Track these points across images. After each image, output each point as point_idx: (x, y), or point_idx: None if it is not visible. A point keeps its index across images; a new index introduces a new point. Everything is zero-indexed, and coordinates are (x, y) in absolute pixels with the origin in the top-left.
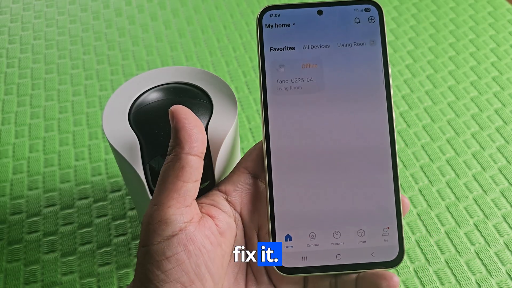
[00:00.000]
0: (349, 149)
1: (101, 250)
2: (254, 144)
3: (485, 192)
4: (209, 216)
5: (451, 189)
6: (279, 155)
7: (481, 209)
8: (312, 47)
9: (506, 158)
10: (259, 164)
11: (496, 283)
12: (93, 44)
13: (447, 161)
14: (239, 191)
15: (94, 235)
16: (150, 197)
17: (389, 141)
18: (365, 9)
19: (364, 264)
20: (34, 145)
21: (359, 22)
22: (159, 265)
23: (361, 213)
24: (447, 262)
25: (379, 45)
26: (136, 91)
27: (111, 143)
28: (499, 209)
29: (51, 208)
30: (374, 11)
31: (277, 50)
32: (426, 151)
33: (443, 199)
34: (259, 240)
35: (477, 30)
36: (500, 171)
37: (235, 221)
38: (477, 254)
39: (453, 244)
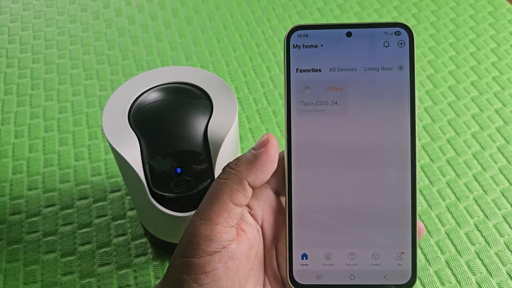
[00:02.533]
0: (369, 174)
1: (101, 250)
2: (253, 143)
3: (486, 192)
4: (241, 230)
5: (452, 189)
6: (300, 175)
7: (481, 209)
8: (339, 69)
9: (506, 158)
10: (281, 182)
11: (497, 283)
12: (93, 44)
13: (448, 161)
14: (261, 205)
15: (94, 235)
16: (150, 197)
17: (410, 171)
18: (395, 32)
19: (376, 285)
20: (33, 145)
21: (388, 46)
22: (197, 278)
23: (377, 236)
24: (447, 262)
25: (407, 71)
26: (136, 91)
27: (111, 143)
28: (499, 209)
29: (51, 208)
30: (404, 34)
31: (304, 72)
32: (426, 151)
33: (443, 199)
34: (277, 253)
35: (477, 30)
36: (501, 171)
37: (258, 234)
38: (478, 254)
39: (453, 244)
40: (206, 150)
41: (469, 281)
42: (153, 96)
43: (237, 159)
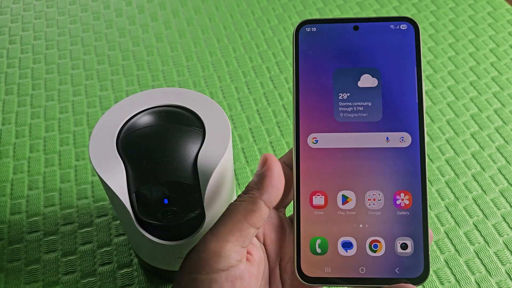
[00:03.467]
0: (379, 175)
1: (102, 250)
2: (254, 144)
3: (485, 192)
4: (248, 251)
5: (451, 189)
6: (306, 166)
7: (480, 209)
8: (347, 63)
9: (505, 158)
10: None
11: (496, 282)
12: (93, 44)
13: (447, 161)
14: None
15: (95, 235)
16: (137, 225)
17: (420, 184)
18: (401, 26)
19: (387, 279)
20: (34, 145)
21: (394, 38)
22: None
23: (389, 229)
24: (446, 262)
25: (413, 61)
26: (126, 114)
27: (97, 170)
28: (498, 209)
29: (51, 208)
30: (410, 28)
31: (311, 62)
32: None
33: (442, 199)
34: (281, 271)
35: (476, 30)
36: (500, 171)
37: (263, 253)
38: (477, 253)
39: (452, 244)
40: (195, 181)
41: (468, 281)
42: (144, 120)
43: (247, 186)
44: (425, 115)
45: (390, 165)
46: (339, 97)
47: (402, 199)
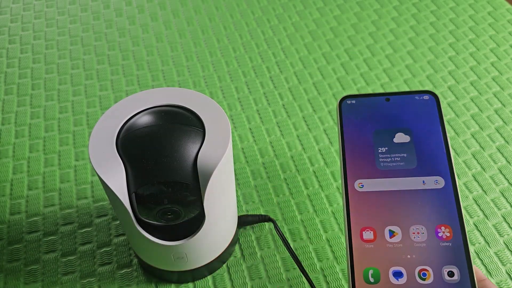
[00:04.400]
0: (420, 212)
1: (101, 250)
2: (254, 144)
3: (485, 192)
4: None
5: None
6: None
7: (481, 209)
8: (383, 125)
9: (506, 158)
10: None
11: (496, 283)
12: (93, 44)
13: None
14: None
15: (94, 235)
16: (137, 226)
17: (458, 219)
18: (424, 96)
19: None
20: (34, 145)
21: (420, 105)
22: None
23: (434, 262)
24: None
25: (438, 126)
26: (126, 113)
27: (96, 170)
28: (499, 209)
29: (51, 208)
30: (431, 99)
31: (354, 126)
32: None
33: None
34: None
35: (477, 30)
36: (500, 171)
37: None
38: (477, 254)
39: None
40: (195, 181)
41: None
42: (143, 120)
43: None
44: (453, 161)
45: (429, 203)
46: (379, 151)
47: (443, 232)
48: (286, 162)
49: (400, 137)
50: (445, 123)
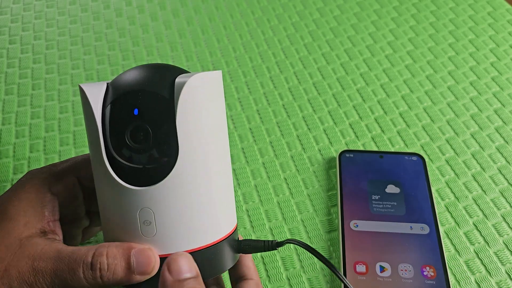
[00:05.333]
0: (407, 252)
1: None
2: (254, 144)
3: (485, 192)
4: None
5: (451, 189)
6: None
7: (480, 209)
8: (376, 176)
9: (505, 158)
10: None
11: (496, 282)
12: (93, 44)
13: (447, 161)
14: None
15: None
16: (105, 158)
17: (441, 261)
18: (412, 157)
19: None
20: (34, 145)
21: (409, 164)
22: None
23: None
24: (446, 262)
25: (424, 182)
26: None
27: (81, 86)
28: (498, 209)
29: None
30: (418, 160)
31: (351, 175)
32: (425, 151)
33: (442, 199)
34: None
35: (476, 30)
36: (500, 171)
37: None
38: (477, 253)
39: (452, 244)
40: (170, 97)
41: (468, 281)
42: (133, 71)
43: None
44: (437, 212)
45: (415, 245)
46: (372, 198)
47: (428, 271)
48: (286, 162)
49: (391, 188)
50: (430, 181)
